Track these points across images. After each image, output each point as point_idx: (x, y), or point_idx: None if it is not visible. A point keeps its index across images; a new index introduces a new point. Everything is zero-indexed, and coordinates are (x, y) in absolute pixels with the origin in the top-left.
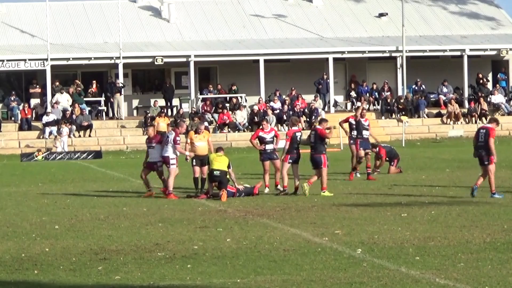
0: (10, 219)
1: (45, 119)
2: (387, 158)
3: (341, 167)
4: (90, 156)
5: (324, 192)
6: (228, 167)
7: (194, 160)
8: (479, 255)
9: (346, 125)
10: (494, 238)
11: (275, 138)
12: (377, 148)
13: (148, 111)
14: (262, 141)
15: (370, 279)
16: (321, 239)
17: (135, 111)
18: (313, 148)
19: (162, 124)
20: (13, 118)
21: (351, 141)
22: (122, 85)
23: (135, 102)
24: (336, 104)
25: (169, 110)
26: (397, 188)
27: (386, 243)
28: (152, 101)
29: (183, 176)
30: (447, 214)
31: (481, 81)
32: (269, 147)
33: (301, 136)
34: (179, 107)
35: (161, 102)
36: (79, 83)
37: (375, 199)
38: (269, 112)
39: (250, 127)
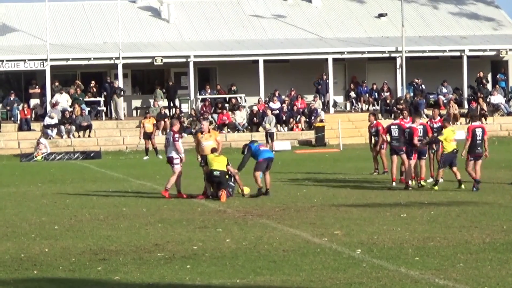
0: (10, 220)
1: (47, 121)
2: None
3: (341, 167)
4: (90, 156)
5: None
6: (227, 164)
7: (202, 161)
8: (478, 256)
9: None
10: (493, 239)
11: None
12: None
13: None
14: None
15: (370, 279)
16: (320, 240)
17: (134, 112)
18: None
19: (147, 125)
20: (12, 119)
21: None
22: (122, 90)
23: (135, 103)
24: (335, 104)
25: (172, 110)
26: (396, 188)
27: (386, 244)
28: (151, 101)
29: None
30: (446, 214)
31: (482, 81)
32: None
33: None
34: (177, 108)
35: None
36: (80, 83)
37: (374, 200)
38: (268, 112)
39: (249, 127)
